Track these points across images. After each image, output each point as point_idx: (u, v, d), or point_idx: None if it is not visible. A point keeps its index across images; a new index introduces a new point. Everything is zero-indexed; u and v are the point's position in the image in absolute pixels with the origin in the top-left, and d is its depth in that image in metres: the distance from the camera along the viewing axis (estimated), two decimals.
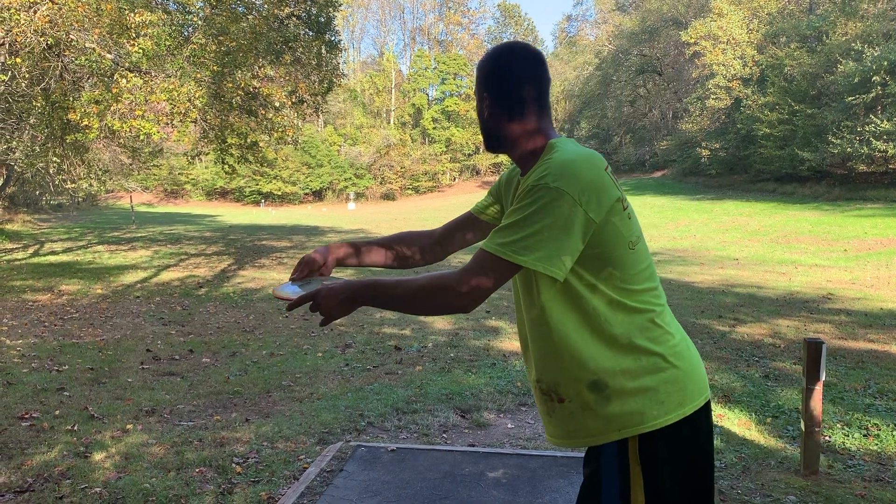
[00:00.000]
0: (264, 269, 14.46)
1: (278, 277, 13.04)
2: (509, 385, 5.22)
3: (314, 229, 27.33)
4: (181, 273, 13.50)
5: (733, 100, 36.48)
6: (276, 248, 19.00)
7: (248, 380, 5.59)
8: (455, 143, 65.81)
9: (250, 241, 21.02)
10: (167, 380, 5.63)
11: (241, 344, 7.14)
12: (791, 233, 19.56)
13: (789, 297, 9.78)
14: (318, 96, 14.32)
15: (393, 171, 63.82)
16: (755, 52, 36.31)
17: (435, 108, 69.12)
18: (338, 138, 65.70)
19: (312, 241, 21.59)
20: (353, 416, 4.48)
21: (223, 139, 13.65)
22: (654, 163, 51.95)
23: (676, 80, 50.73)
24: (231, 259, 16.19)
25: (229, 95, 11.86)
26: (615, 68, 55.19)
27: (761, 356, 6.10)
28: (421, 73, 70.14)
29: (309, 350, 6.79)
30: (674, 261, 15.29)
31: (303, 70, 13.65)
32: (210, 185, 62.01)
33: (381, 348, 6.78)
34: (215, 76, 10.89)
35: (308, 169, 61.11)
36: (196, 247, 18.98)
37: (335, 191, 63.20)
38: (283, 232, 25.47)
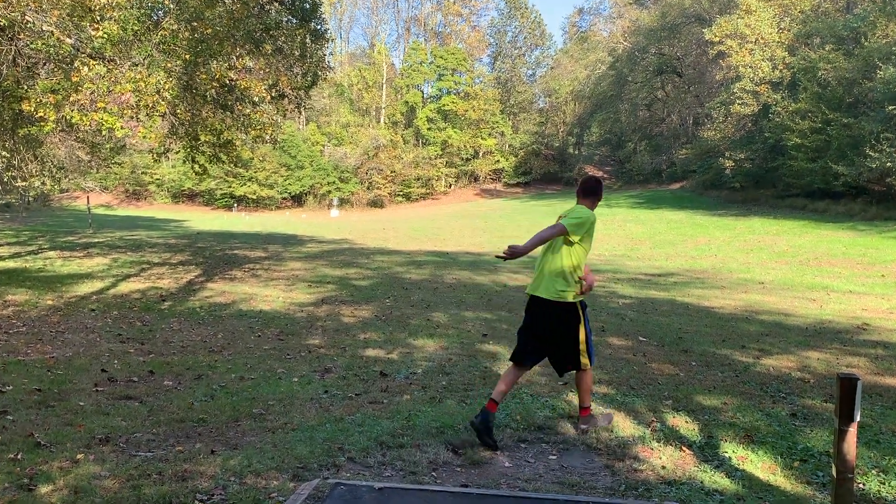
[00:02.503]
0: (236, 281, 14.42)
1: (251, 291, 13.01)
2: (507, 418, 5.21)
3: (292, 238, 27.31)
4: (142, 284, 13.45)
5: (761, 106, 36.77)
6: (250, 259, 18.96)
7: (214, 406, 5.57)
8: (452, 145, 66.05)
9: (220, 250, 20.97)
10: (124, 404, 5.60)
11: (208, 366, 7.11)
12: (823, 255, 19.68)
13: (820, 327, 9.82)
14: (300, 91, 14.36)
15: (382, 175, 63.93)
16: (786, 54, 36.66)
17: (430, 106, 69.41)
18: (321, 138, 65.86)
19: (290, 251, 21.57)
20: (331, 450, 4.46)
21: (194, 136, 13.66)
22: (671, 173, 52.25)
23: (698, 82, 51.11)
24: (198, 270, 16.14)
25: (202, 88, 11.89)
26: (631, 68, 55.61)
27: (788, 392, 6.11)
28: (415, 67, 70.50)
29: (284, 374, 6.76)
30: (692, 283, 15.33)
31: (285, 61, 13.70)
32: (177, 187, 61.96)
33: (364, 374, 6.77)
34: (187, 66, 10.92)
35: (287, 171, 61.17)
36: (160, 255, 18.92)
37: (317, 196, 63.24)
38: (258, 240, 25.43)
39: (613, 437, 4.85)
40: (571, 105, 69.31)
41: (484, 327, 9.48)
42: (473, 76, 72.38)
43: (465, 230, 31.85)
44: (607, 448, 4.65)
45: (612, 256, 21.11)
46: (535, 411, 5.41)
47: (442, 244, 25.48)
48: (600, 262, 19.37)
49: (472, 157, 68.53)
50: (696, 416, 5.29)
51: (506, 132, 69.96)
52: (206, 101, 12.36)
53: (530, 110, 74.48)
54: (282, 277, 15.29)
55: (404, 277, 15.70)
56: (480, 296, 12.95)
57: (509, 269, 17.87)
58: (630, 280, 15.75)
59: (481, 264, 18.82)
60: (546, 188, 66.81)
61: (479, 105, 65.99)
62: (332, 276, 15.60)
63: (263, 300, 12.08)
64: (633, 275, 16.77)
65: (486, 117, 66.92)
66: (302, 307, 11.44)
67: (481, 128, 67.14)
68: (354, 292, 13.24)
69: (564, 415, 5.34)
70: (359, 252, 21.68)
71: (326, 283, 14.44)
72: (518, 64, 73.58)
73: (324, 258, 19.67)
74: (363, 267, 17.64)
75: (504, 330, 9.32)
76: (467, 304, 11.79)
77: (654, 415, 5.35)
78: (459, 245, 25.19)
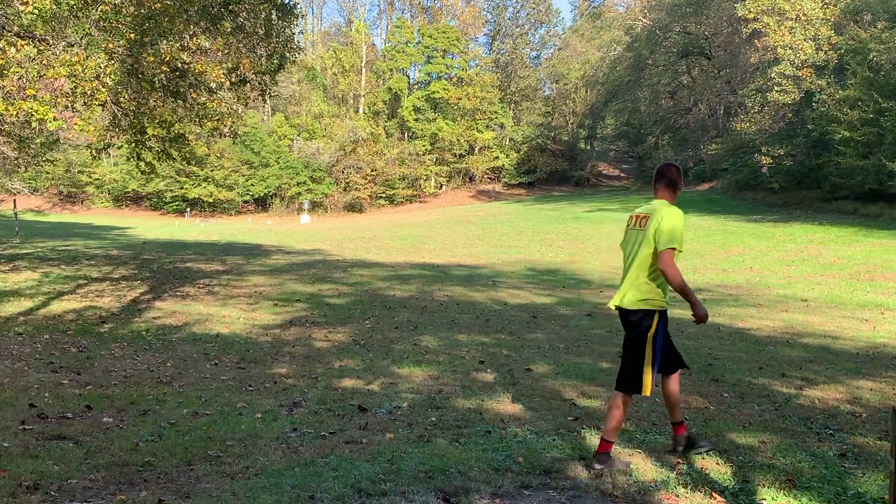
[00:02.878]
0: (189, 299, 14.37)
1: (207, 311, 12.97)
2: (508, 460, 5.21)
3: (255, 248, 27.26)
4: (78, 303, 13.38)
5: (803, 93, 36.98)
6: (205, 273, 18.90)
7: (163, 447, 5.54)
8: (443, 139, 66.25)
9: (171, 263, 20.90)
10: (56, 445, 5.56)
11: (156, 399, 7.08)
12: (876, 267, 19.78)
13: (873, 352, 9.86)
14: (265, 75, 14.38)
15: (361, 174, 64.08)
16: (832, 33, 36.89)
17: (417, 93, 69.68)
18: (289, 130, 65.97)
19: (253, 263, 21.54)
20: (301, 499, 4.44)
21: (140, 128, 13.65)
22: (699, 172, 52.52)
23: (730, 66, 51.40)
24: (145, 286, 16.08)
25: (150, 72, 11.89)
26: (651, 49, 55.95)
27: (836, 428, 6.13)
28: (400, 48, 70.78)
29: (245, 409, 6.74)
30: (724, 300, 15.39)
31: (246, 41, 13.73)
32: (120, 189, 61.89)
33: (339, 408, 6.75)
34: (132, 46, 10.93)
35: (249, 169, 61.22)
36: (99, 269, 18.84)
37: (284, 199, 63.27)
38: (215, 251, 25.36)
39: (633, 481, 4.85)
40: (582, 92, 69.66)
41: (480, 353, 9.48)
42: (468, 58, 72.70)
43: (459, 239, 31.88)
44: (625, 494, 4.64)
45: None
46: (540, 451, 5.41)
47: (431, 255, 25.49)
48: (616, 276, 19.36)
49: (466, 153, 68.72)
50: (728, 457, 5.30)
51: (506, 124, 70.23)
52: (153, 87, 12.36)
53: (534, 98, 74.81)
54: (243, 295, 15.24)
55: (387, 294, 15.68)
56: (476, 316, 12.94)
57: (509, 284, 17.90)
58: None
59: (477, 279, 18.83)
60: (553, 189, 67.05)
61: (475, 92, 66.23)
62: (303, 294, 15.56)
63: (221, 322, 12.03)
64: None
65: (483, 106, 67.17)
66: (266, 330, 11.40)
67: (477, 119, 67.37)
68: (328, 312, 13.21)
69: (574, 456, 5.34)
70: (334, 265, 21.65)
71: (295, 302, 14.40)
72: (520, 44, 73.99)
73: (292, 272, 19.63)
74: (339, 282, 17.61)
75: (504, 356, 9.32)
76: (461, 326, 11.78)
77: (679, 455, 5.35)
78: (452, 256, 25.21)
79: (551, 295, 16.10)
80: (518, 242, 29.46)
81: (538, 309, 13.90)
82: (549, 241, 29.64)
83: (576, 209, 45.29)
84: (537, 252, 26.23)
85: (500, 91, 70.09)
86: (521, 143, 69.50)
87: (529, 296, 15.91)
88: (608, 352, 9.55)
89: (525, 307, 14.16)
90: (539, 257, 24.75)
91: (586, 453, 5.32)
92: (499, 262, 23.34)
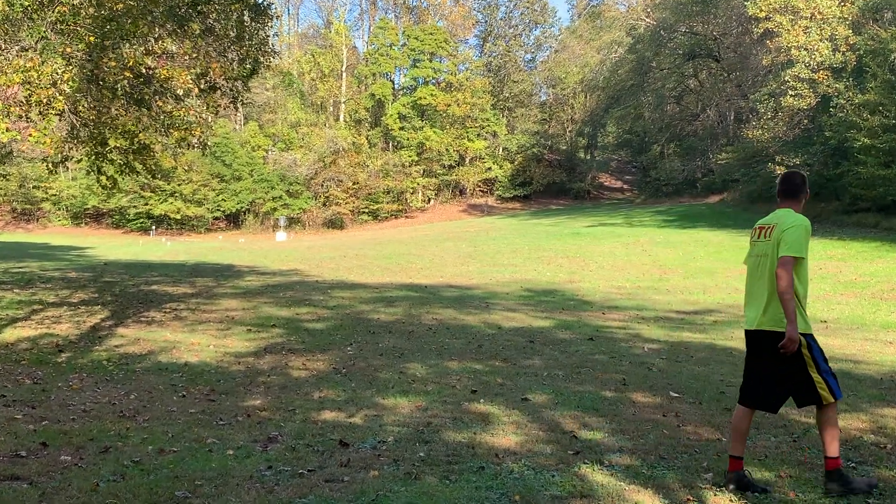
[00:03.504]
0: (154, 325, 14.32)
1: (173, 338, 12.93)
2: (503, 499, 5.19)
3: (227, 269, 27.20)
4: (33, 330, 13.30)
5: (819, 97, 37.27)
6: (172, 296, 18.83)
7: (126, 488, 5.50)
8: (430, 149, 66.44)
9: (134, 286, 20.84)
10: (8, 486, 5.52)
11: (118, 435, 7.04)
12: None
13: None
14: (237, 81, 14.40)
15: (342, 187, 64.14)
16: (849, 33, 37.21)
17: (403, 100, 69.91)
18: (264, 140, 66.06)
19: (224, 285, 21.49)
20: None
21: (100, 140, 13.64)
22: (708, 183, 52.86)
23: (740, 68, 51.84)
24: (106, 311, 16.01)
25: (111, 78, 11.89)
26: (655, 51, 56.37)
27: (859, 461, 6.14)
28: (384, 51, 71.11)
29: (215, 445, 6.71)
30: (735, 322, 15.41)
31: (217, 44, 13.76)
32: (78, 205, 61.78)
33: (319, 443, 6.73)
34: (92, 51, 10.93)
35: (220, 183, 61.20)
36: (56, 293, 18.75)
37: (258, 215, 63.27)
38: (183, 272, 25.29)
39: None
40: (581, 98, 70.10)
41: (473, 381, 9.46)
42: (457, 62, 73.08)
43: (449, 257, 31.90)
44: None
45: (635, 289, 21.21)
46: (538, 489, 5.40)
47: (419, 275, 25.49)
48: (620, 296, 19.45)
49: (456, 164, 68.93)
50: (743, 493, 5.31)
51: (499, 132, 70.52)
52: (115, 95, 12.35)
53: (529, 105, 75.19)
54: (213, 320, 15.19)
55: (371, 318, 15.66)
56: (468, 341, 12.93)
57: (504, 306, 17.90)
58: (658, 319, 15.81)
59: (469, 300, 18.83)
60: (550, 202, 67.31)
61: (465, 98, 66.55)
62: (279, 318, 15.53)
63: (189, 350, 11.98)
64: (662, 312, 16.84)
65: (474, 114, 67.47)
66: (239, 358, 11.36)
67: (468, 127, 67.65)
68: (307, 338, 13.17)
69: (576, 493, 5.33)
70: (312, 286, 21.62)
71: (270, 327, 14.36)
72: (513, 46, 74.48)
73: (267, 294, 19.59)
74: (318, 305, 17.58)
75: (498, 385, 9.30)
76: (451, 352, 11.77)
77: (689, 492, 5.35)
78: (441, 276, 25.21)
79: (549, 317, 16.10)
80: (513, 261, 29.49)
81: (535, 333, 13.90)
82: (547, 258, 29.68)
83: (575, 224, 45.40)
84: (534, 271, 26.25)
85: (493, 97, 70.44)
86: (516, 153, 69.75)
87: (525, 318, 15.91)
88: (611, 379, 9.55)
89: (521, 331, 14.15)
90: (536, 277, 24.77)
91: (588, 490, 5.31)
92: (492, 283, 23.35)
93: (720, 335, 13.68)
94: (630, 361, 10.92)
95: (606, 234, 37.51)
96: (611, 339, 13.16)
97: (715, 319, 15.77)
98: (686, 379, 9.63)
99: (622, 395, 8.60)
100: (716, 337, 13.49)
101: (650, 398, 8.53)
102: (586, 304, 18.38)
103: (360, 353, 11.66)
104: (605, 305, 18.08)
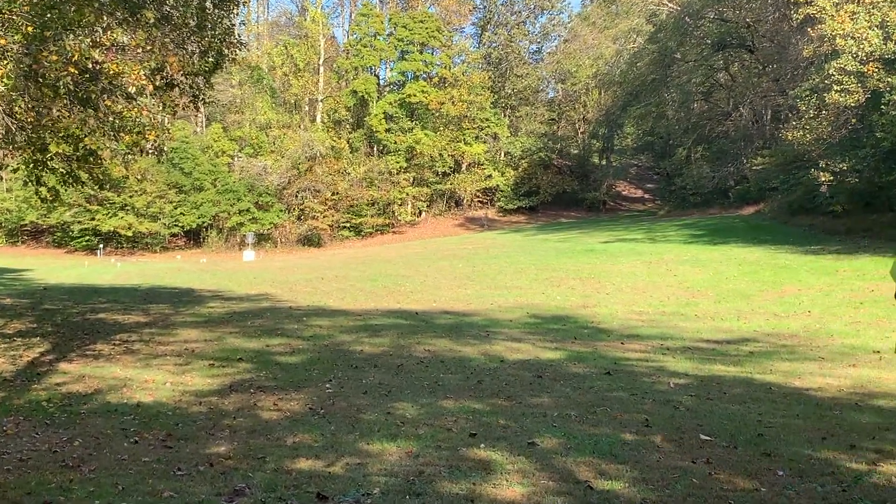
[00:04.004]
0: (102, 360, 14.25)
1: (124, 375, 12.87)
2: None
3: (187, 294, 27.13)
4: None
5: (869, 93, 37.33)
6: (123, 326, 18.77)
7: None
8: (422, 154, 66.54)
9: (79, 314, 20.76)
10: None
11: (60, 488, 7.00)
12: None
13: None
14: (197, 77, 14.42)
15: (319, 198, 64.15)
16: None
17: (390, 97, 70.06)
18: (229, 145, 66.12)
19: (183, 313, 21.42)
20: None
21: (40, 145, 13.63)
22: (742, 192, 52.92)
23: (777, 60, 52.00)
24: (46, 344, 15.93)
25: (53, 74, 11.89)
26: (679, 40, 56.53)
27: None
28: (367, 42, 71.30)
29: (173, 499, 6.68)
30: (776, 353, 15.42)
31: (174, 35, 13.78)
32: (14, 221, 61.59)
33: (293, 496, 6.70)
34: (30, 43, 10.94)
35: (179, 194, 61.16)
36: None
37: (222, 230, 63.19)
38: (135, 298, 25.22)
39: None
40: (595, 94, 70.33)
41: (472, 423, 9.43)
42: (452, 54, 73.37)
43: (443, 278, 31.88)
44: None
45: (659, 315, 21.20)
46: None
47: (409, 300, 25.46)
48: (641, 324, 19.43)
49: (451, 172, 69.03)
50: None
51: (500, 134, 70.66)
52: (57, 93, 12.35)
53: (535, 103, 75.43)
54: (170, 353, 15.14)
55: (353, 350, 15.63)
56: (466, 376, 12.90)
57: (507, 336, 17.89)
58: (685, 350, 15.80)
59: (466, 329, 18.80)
60: (560, 215, 67.40)
61: (461, 95, 66.72)
62: (246, 351, 15.48)
63: (143, 388, 11.93)
64: (690, 342, 16.83)
65: (472, 113, 67.63)
66: (200, 398, 11.32)
67: (464, 128, 67.80)
68: (279, 374, 13.13)
69: None
70: (285, 313, 21.57)
71: (237, 361, 14.31)
72: (516, 36, 74.68)
73: (233, 323, 19.54)
74: (292, 335, 17.54)
75: (501, 427, 9.27)
76: (446, 389, 11.74)
77: None
78: (434, 301, 25.19)
79: (560, 348, 16.08)
80: (517, 282, 29.48)
81: (543, 366, 13.88)
82: (557, 280, 29.69)
83: (589, 240, 45.43)
84: (541, 294, 26.25)
85: (493, 94, 70.57)
86: (520, 158, 69.91)
87: (532, 350, 15.89)
88: (632, 420, 9.53)
89: (527, 364, 14.13)
90: (544, 301, 24.76)
91: None
92: (493, 308, 23.33)
93: (758, 368, 13.67)
94: (653, 399, 10.91)
95: (625, 252, 37.53)
96: (631, 373, 13.15)
97: (751, 350, 15.77)
98: (718, 419, 9.61)
99: (644, 438, 8.57)
100: (753, 370, 13.48)
101: (677, 442, 8.51)
102: (602, 333, 18.37)
103: (341, 391, 11.63)
104: (624, 334, 18.07)
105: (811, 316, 20.32)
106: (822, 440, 8.53)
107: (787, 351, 15.67)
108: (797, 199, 43.44)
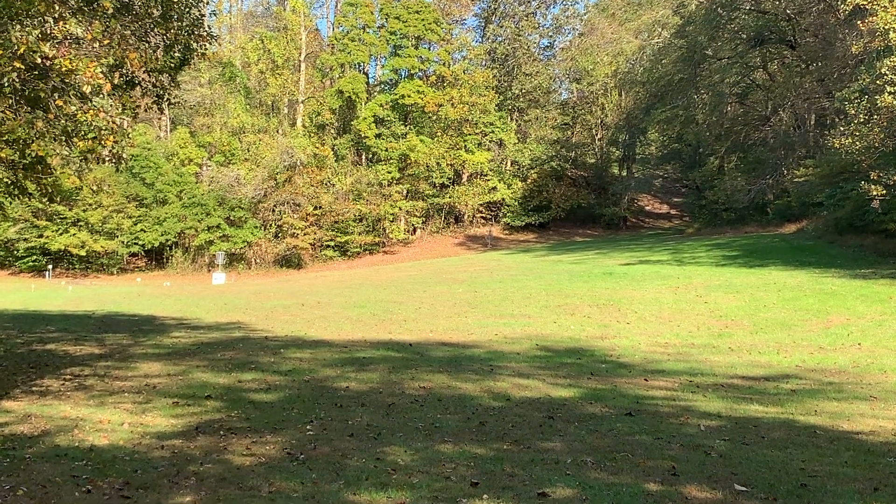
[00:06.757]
0: (50, 397, 14.22)
1: (76, 414, 12.84)
2: None
3: (148, 322, 27.12)
4: None
5: None
6: (74, 358, 18.74)
7: None
8: (417, 164, 66.62)
9: (25, 345, 20.75)
10: None
11: None
12: None
13: None
14: (162, 74, 14.46)
15: (299, 213, 64.24)
16: None
17: (380, 98, 70.24)
18: (197, 152, 66.24)
19: (143, 344, 21.40)
20: None
21: None
22: (782, 208, 52.98)
23: (822, 58, 52.20)
24: None
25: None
26: (711, 35, 56.73)
27: None
28: (355, 35, 71.54)
29: None
30: (821, 391, 15.41)
31: (136, 27, 13.83)
32: None
33: None
34: None
35: (140, 208, 61.25)
36: None
37: (189, 249, 63.26)
38: (89, 327, 25.20)
39: None
40: (614, 96, 70.54)
41: (473, 471, 9.42)
42: (451, 49, 73.63)
43: (441, 305, 31.89)
44: None
45: (688, 347, 21.19)
46: None
47: (401, 329, 25.46)
48: (667, 357, 19.41)
49: (450, 183, 69.16)
50: None
51: (507, 141, 70.87)
52: (1, 92, 12.39)
53: (546, 105, 75.65)
54: (129, 390, 15.11)
55: (337, 387, 15.61)
56: (467, 416, 12.89)
57: (513, 370, 17.87)
58: (717, 387, 15.79)
59: (467, 362, 18.79)
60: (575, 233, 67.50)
61: (462, 96, 66.94)
62: (216, 387, 15.46)
63: (97, 429, 11.91)
64: (723, 378, 16.82)
65: (474, 116, 67.87)
66: (163, 440, 11.29)
67: (466, 134, 68.02)
68: (253, 413, 13.11)
69: None
70: (260, 344, 21.57)
71: (205, 399, 14.29)
72: (525, 29, 74.89)
73: (200, 355, 19.52)
74: (267, 370, 17.53)
75: (507, 475, 9.26)
76: (444, 432, 11.73)
77: None
78: (431, 331, 25.19)
79: (574, 385, 16.08)
80: (525, 310, 29.49)
81: (555, 406, 13.87)
82: (570, 307, 29.69)
83: (608, 261, 45.50)
84: (553, 324, 26.26)
85: (498, 95, 70.77)
86: (529, 168, 70.05)
87: (542, 387, 15.89)
88: (657, 467, 9.51)
89: (536, 403, 14.12)
90: (556, 331, 24.76)
91: None
92: (497, 339, 23.33)
93: (800, 409, 13.65)
94: (681, 444, 10.89)
95: (649, 275, 37.54)
96: (655, 413, 13.13)
97: (793, 388, 15.75)
98: (756, 467, 9.59)
99: (671, 488, 8.56)
100: (795, 411, 13.46)
101: (708, 492, 8.50)
102: (623, 368, 18.37)
103: (324, 434, 11.61)
104: (647, 369, 18.06)
105: (861, 349, 20.32)
106: (875, 491, 8.52)
107: (833, 389, 15.66)
108: (845, 215, 43.50)
